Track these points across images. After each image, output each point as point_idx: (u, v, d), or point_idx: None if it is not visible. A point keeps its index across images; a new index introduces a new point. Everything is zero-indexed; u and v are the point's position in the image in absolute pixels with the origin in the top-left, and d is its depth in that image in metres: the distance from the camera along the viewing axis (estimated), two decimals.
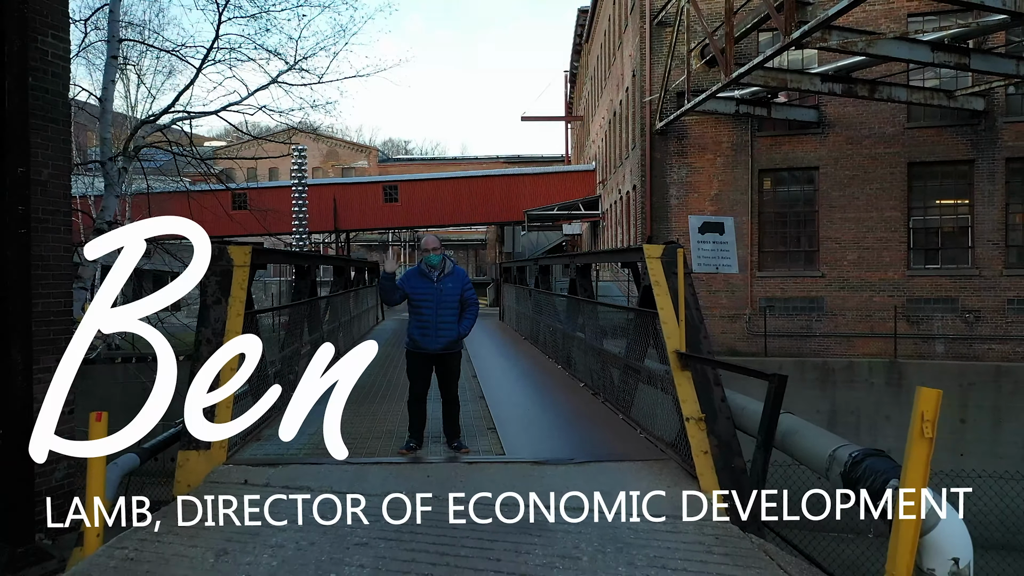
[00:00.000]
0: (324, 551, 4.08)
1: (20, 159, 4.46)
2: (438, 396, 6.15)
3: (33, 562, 4.46)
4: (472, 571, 3.86)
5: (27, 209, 4.50)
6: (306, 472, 5.39)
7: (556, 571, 3.86)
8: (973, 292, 17.24)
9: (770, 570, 3.92)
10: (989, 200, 17.23)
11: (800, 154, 18.28)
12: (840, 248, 18.00)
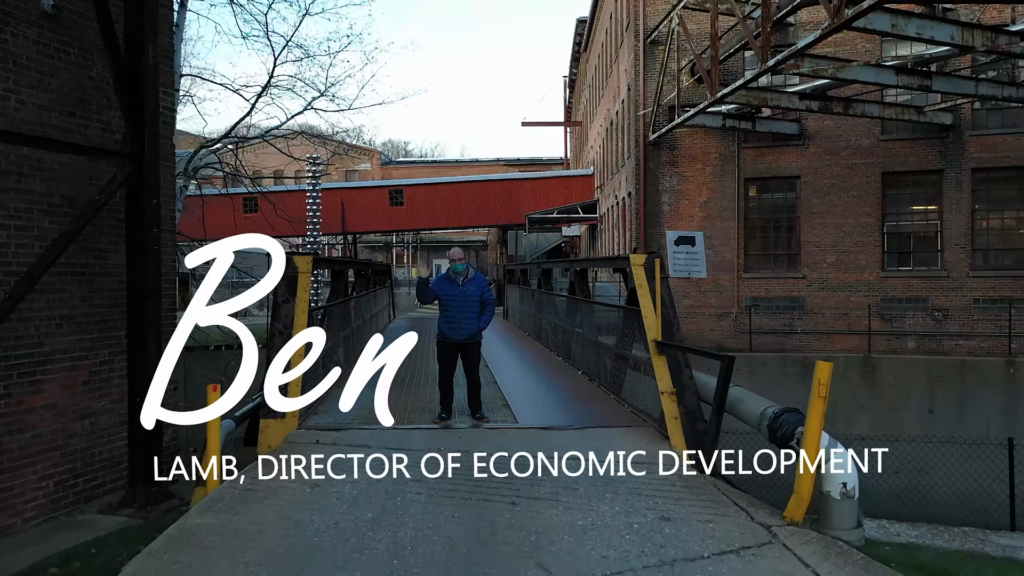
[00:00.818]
0: (388, 485, 5.53)
1: (153, 194, 5.89)
2: (461, 380, 7.60)
3: (162, 499, 5.88)
4: (500, 496, 5.31)
5: (158, 232, 5.91)
6: (363, 435, 6.84)
7: (560, 496, 5.32)
8: (942, 292, 18.71)
9: (715, 495, 5.39)
10: (957, 207, 18.70)
11: (783, 164, 19.73)
12: (820, 251, 19.45)
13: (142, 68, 5.78)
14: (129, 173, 5.68)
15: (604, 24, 29.71)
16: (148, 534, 5.05)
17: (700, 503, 5.37)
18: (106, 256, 6.02)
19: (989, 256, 18.81)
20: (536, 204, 35.32)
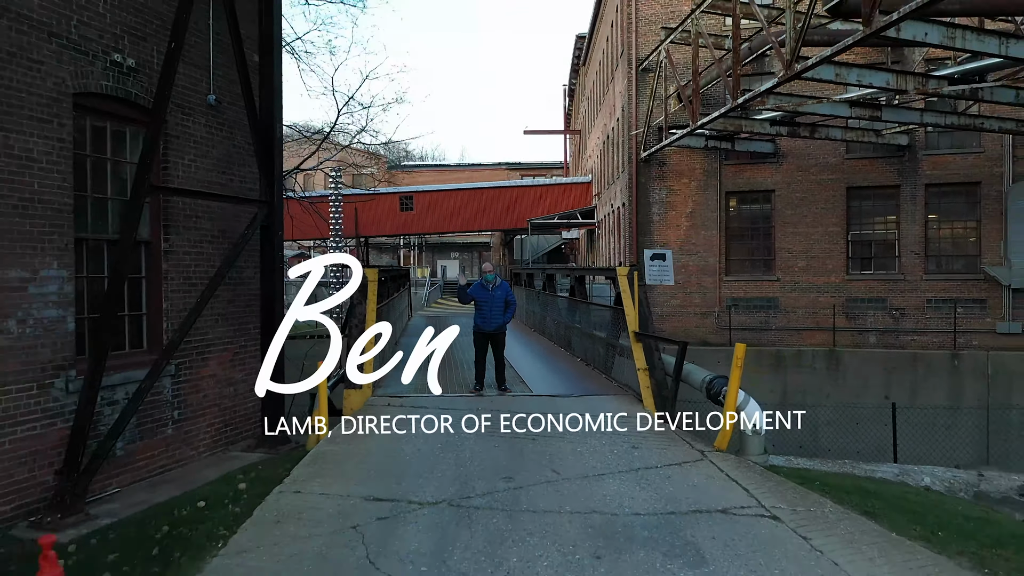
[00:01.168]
0: (447, 435, 8.04)
1: (279, 228, 8.43)
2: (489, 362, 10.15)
3: (283, 442, 8.41)
4: (523, 437, 7.86)
5: (281, 254, 8.40)
6: (421, 400, 9.38)
7: (566, 437, 7.87)
8: (899, 293, 21.24)
9: (671, 436, 7.95)
10: (912, 219, 21.24)
11: (759, 179, 22.27)
12: (792, 257, 21.99)
13: (272, 140, 8.28)
14: (265, 215, 8.19)
15: (601, 45, 32.24)
16: (286, 461, 7.56)
17: (659, 440, 7.92)
18: (242, 271, 8.53)
19: (940, 261, 21.32)
20: (538, 209, 37.86)
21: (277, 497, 6.15)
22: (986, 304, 20.56)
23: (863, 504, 6.32)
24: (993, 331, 20.35)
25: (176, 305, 7.65)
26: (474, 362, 10.12)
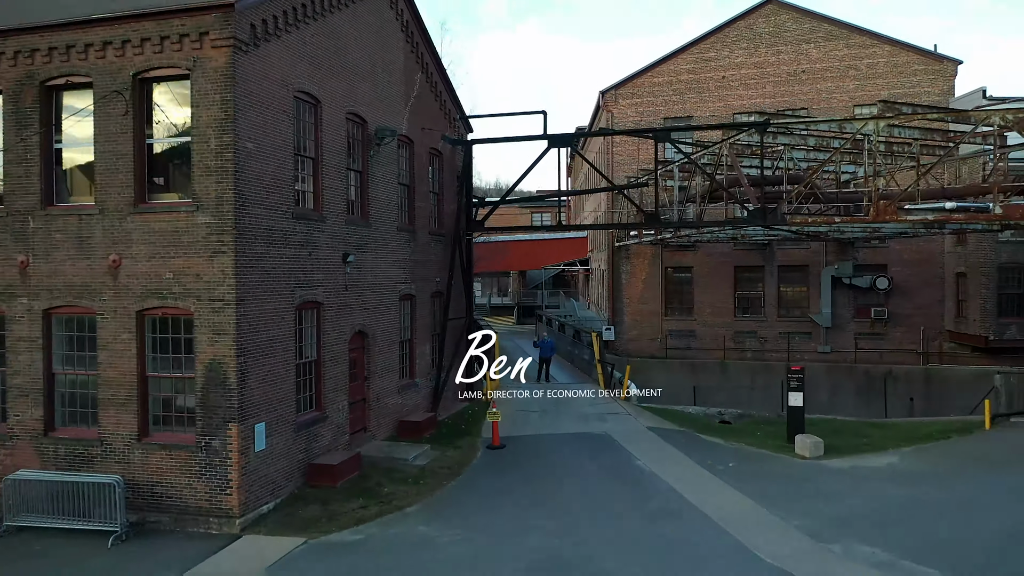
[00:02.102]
0: (532, 397, 23.92)
1: (470, 274, 24.17)
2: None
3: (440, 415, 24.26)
4: (555, 402, 23.86)
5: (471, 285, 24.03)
6: (519, 385, 25.32)
7: (572, 397, 23.85)
8: (763, 329, 37.00)
9: (608, 399, 24.00)
10: (771, 285, 37.01)
11: (684, 260, 38.02)
12: (703, 306, 37.70)
13: (471, 281, 23.91)
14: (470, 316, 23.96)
15: (593, 147, 47.99)
16: (460, 420, 23.23)
17: (602, 398, 23.94)
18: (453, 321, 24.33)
19: (786, 310, 37.03)
20: (547, 254, 53.57)
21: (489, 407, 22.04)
22: (811, 336, 36.39)
23: (661, 414, 22.20)
24: (815, 351, 36.13)
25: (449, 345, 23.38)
26: (537, 370, 25.95)
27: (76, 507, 13.66)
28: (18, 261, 14.54)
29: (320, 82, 16.19)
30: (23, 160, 14.49)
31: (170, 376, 13.99)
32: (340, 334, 17.06)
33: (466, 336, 22.96)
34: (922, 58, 35.08)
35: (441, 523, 13.83)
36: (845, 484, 15.94)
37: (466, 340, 22.54)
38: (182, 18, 13.33)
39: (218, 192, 13.32)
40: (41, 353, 14.49)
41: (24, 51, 14.29)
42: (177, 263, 13.59)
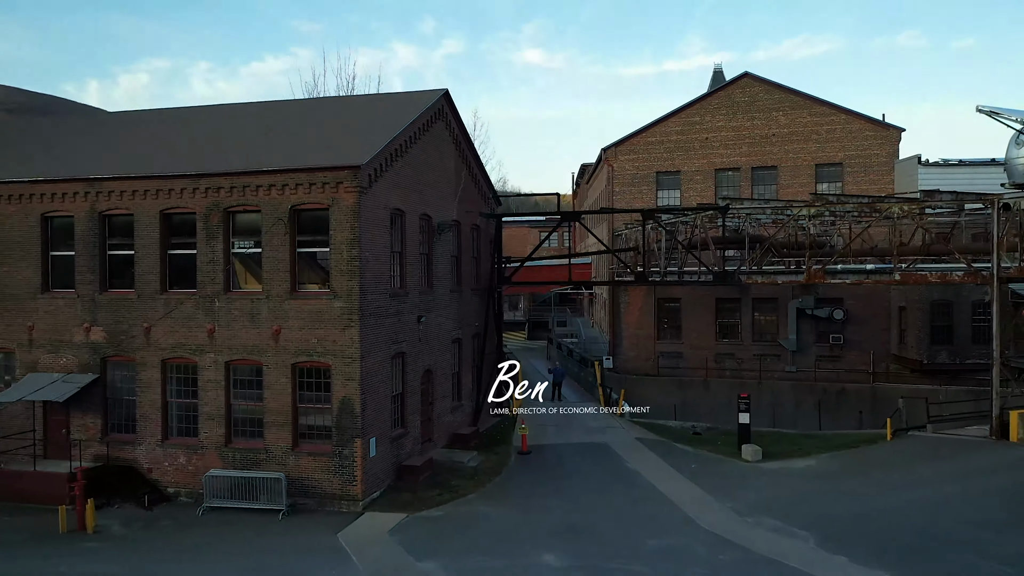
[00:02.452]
0: (547, 413, 31.04)
1: (500, 317, 31.23)
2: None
3: (480, 428, 31.40)
4: (565, 419, 31.01)
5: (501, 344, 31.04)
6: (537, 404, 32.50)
7: (578, 413, 31.01)
8: (740, 351, 43.98)
9: (607, 415, 31.17)
10: (747, 315, 43.99)
11: (674, 294, 45.05)
12: (689, 331, 44.69)
13: (501, 323, 30.89)
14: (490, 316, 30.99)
15: (596, 189, 55.03)
16: (495, 432, 30.28)
17: (603, 416, 31.11)
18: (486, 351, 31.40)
19: (760, 335, 43.97)
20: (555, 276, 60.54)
21: (517, 423, 29.15)
22: (780, 358, 43.42)
23: (647, 427, 29.31)
24: (783, 371, 43.15)
25: (485, 373, 30.45)
26: (552, 392, 33.02)
27: (250, 493, 20.83)
28: (207, 328, 21.70)
29: (404, 199, 23.35)
30: (211, 260, 21.67)
31: (313, 407, 21.15)
32: (416, 373, 24.21)
33: (497, 365, 30.03)
34: (872, 126, 42.14)
35: (492, 504, 20.98)
36: (771, 480, 23.04)
37: (497, 368, 29.59)
38: (325, 173, 20.49)
39: (348, 287, 20.46)
40: (223, 391, 21.66)
41: (213, 187, 21.47)
42: (320, 332, 20.75)
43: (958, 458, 24.60)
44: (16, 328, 23.32)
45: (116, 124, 29.75)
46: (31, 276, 23.19)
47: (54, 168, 23.58)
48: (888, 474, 23.35)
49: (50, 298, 23.12)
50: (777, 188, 43.04)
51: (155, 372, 22.11)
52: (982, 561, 15.78)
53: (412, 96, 26.44)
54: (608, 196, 46.49)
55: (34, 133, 28.79)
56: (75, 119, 32.61)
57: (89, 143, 26.55)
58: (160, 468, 22.06)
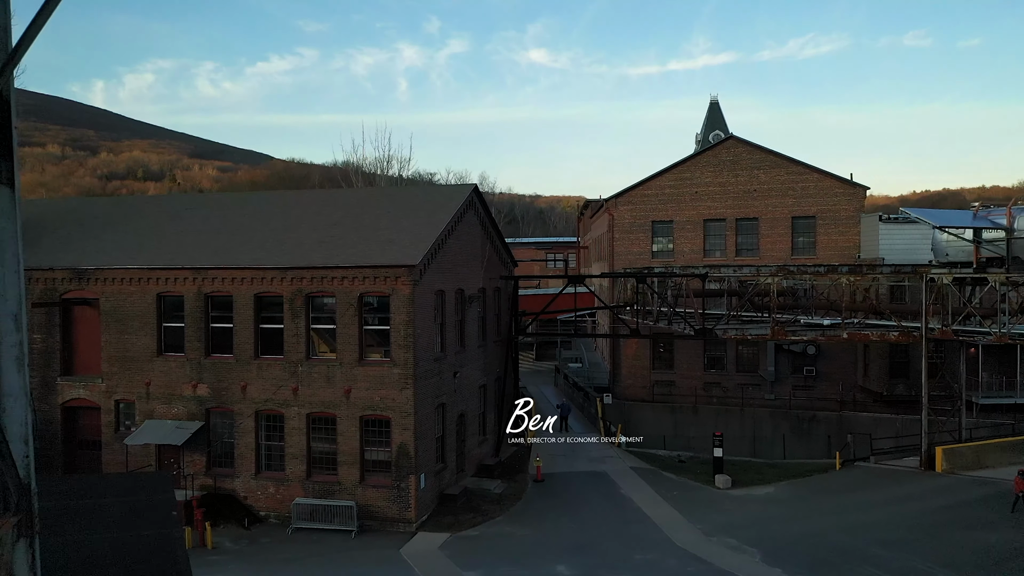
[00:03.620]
0: (556, 443, 37.28)
1: (517, 362, 37.44)
2: None
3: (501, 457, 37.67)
4: (573, 449, 37.29)
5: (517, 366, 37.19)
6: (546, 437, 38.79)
7: (583, 443, 37.29)
8: (725, 381, 50.22)
9: (604, 445, 37.46)
10: (731, 348, 50.23)
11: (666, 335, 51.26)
12: (681, 362, 50.88)
13: (517, 357, 37.09)
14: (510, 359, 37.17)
15: (598, 228, 61.23)
16: (514, 460, 36.51)
17: (603, 446, 37.41)
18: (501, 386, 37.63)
19: (742, 368, 50.14)
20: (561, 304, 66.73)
21: (532, 453, 35.40)
22: (760, 387, 49.62)
23: (640, 456, 35.58)
24: (763, 398, 49.33)
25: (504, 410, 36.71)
26: (559, 424, 39.22)
27: (327, 517, 27.12)
28: (292, 387, 27.99)
29: (444, 281, 29.63)
30: (295, 334, 27.95)
31: (376, 449, 27.44)
32: (452, 417, 30.50)
33: (514, 401, 36.26)
34: (841, 184, 48.36)
35: (516, 526, 27.27)
36: (735, 505, 29.29)
37: (514, 404, 35.82)
38: (386, 270, 26.78)
39: (404, 357, 26.73)
40: (304, 436, 27.95)
41: (297, 277, 27.75)
42: (382, 392, 27.02)
43: (889, 487, 30.87)
44: (136, 383, 29.63)
45: (207, 207, 36.10)
46: (148, 342, 29.50)
47: (164, 255, 29.90)
48: (829, 500, 29.60)
49: (164, 360, 29.44)
50: (758, 237, 49.32)
51: (250, 420, 28.41)
52: (876, 571, 22.05)
53: (448, 191, 32.85)
54: (609, 241, 52.76)
55: (137, 217, 35.11)
56: (174, 200, 38.74)
57: (190, 229, 32.81)
58: (254, 496, 28.35)
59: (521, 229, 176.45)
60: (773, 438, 45.93)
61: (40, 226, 34.16)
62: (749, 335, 36.83)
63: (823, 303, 38.40)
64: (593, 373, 56.75)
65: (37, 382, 30.54)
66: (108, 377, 29.98)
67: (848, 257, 47.38)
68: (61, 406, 30.56)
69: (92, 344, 30.37)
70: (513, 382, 38.36)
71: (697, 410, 49.47)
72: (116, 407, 30.01)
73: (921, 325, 32.41)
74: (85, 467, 30.10)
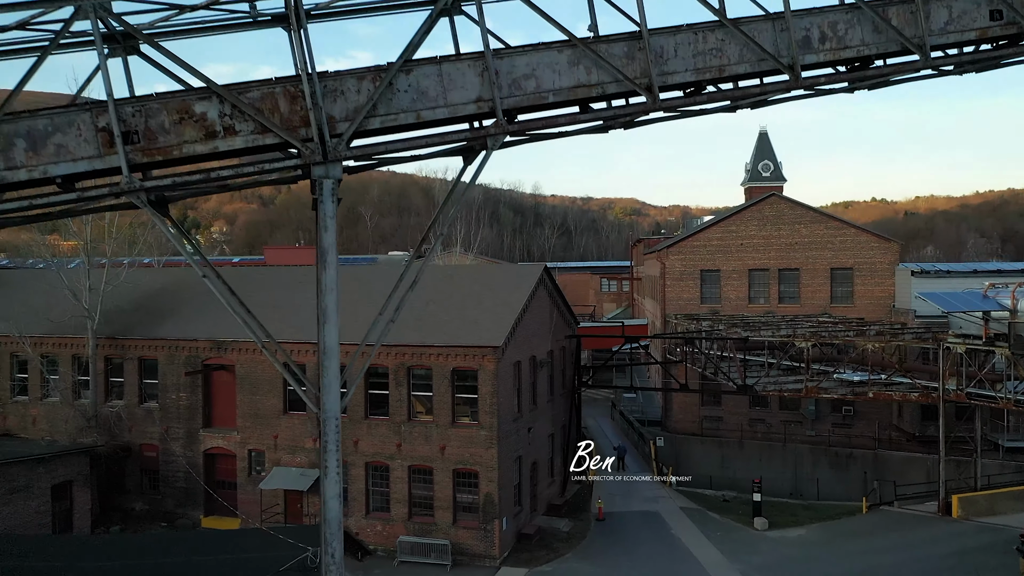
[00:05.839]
0: (611, 489, 42.60)
1: (579, 410, 42.85)
2: None
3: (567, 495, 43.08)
4: (630, 480, 42.63)
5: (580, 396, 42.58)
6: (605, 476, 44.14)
7: (638, 480, 42.58)
8: (770, 416, 54.88)
9: (664, 491, 42.66)
10: None
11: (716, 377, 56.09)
12: (728, 398, 55.63)
13: (580, 396, 42.47)
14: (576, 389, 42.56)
15: (649, 270, 66.24)
16: (577, 499, 41.89)
17: (656, 486, 42.65)
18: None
19: (784, 404, 54.70)
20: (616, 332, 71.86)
21: (594, 493, 40.83)
22: (802, 424, 54.08)
23: (688, 495, 40.73)
24: (804, 434, 53.80)
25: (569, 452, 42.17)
26: (617, 464, 44.46)
27: (426, 552, 32.96)
28: (396, 443, 33.90)
29: (520, 352, 35.25)
30: (398, 399, 33.89)
31: (466, 496, 33.21)
32: (527, 466, 36.14)
33: (576, 443, 41.68)
34: (876, 239, 52.68)
35: (583, 562, 32.79)
36: (771, 547, 34.29)
37: (576, 446, 41.22)
38: (474, 349, 32.50)
39: (490, 422, 32.42)
40: (406, 484, 33.88)
41: (400, 353, 33.66)
42: (471, 450, 32.75)
43: (908, 531, 35.49)
44: (266, 436, 35.94)
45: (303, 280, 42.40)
46: (276, 402, 35.78)
47: (288, 329, 36.08)
48: (854, 543, 34.39)
49: (289, 417, 35.68)
50: (799, 286, 53.91)
51: (360, 470, 34.43)
52: None
53: (523, 271, 38.52)
54: (661, 287, 57.85)
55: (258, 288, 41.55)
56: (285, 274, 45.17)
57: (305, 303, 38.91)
58: (364, 532, 34.35)
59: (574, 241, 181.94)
60: (812, 472, 50.49)
61: (177, 296, 40.79)
62: (785, 392, 41.60)
63: (856, 357, 42.92)
64: (647, 406, 61.87)
65: (183, 432, 37.16)
66: (242, 430, 36.39)
67: (884, 307, 51.73)
68: (203, 453, 37.10)
69: (229, 402, 36.82)
70: (576, 427, 43.78)
71: (743, 445, 54.16)
72: (249, 455, 36.40)
73: (939, 387, 36.90)
74: (223, 504, 36.49)
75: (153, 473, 38.12)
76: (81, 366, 39.47)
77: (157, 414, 37.92)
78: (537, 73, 11.06)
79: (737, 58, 11.85)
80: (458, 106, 10.91)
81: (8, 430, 40.69)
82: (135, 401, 38.44)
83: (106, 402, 38.76)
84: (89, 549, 24.16)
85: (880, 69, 12.56)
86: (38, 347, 39.52)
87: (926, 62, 12.49)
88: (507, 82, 11.01)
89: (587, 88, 11.30)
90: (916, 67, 12.63)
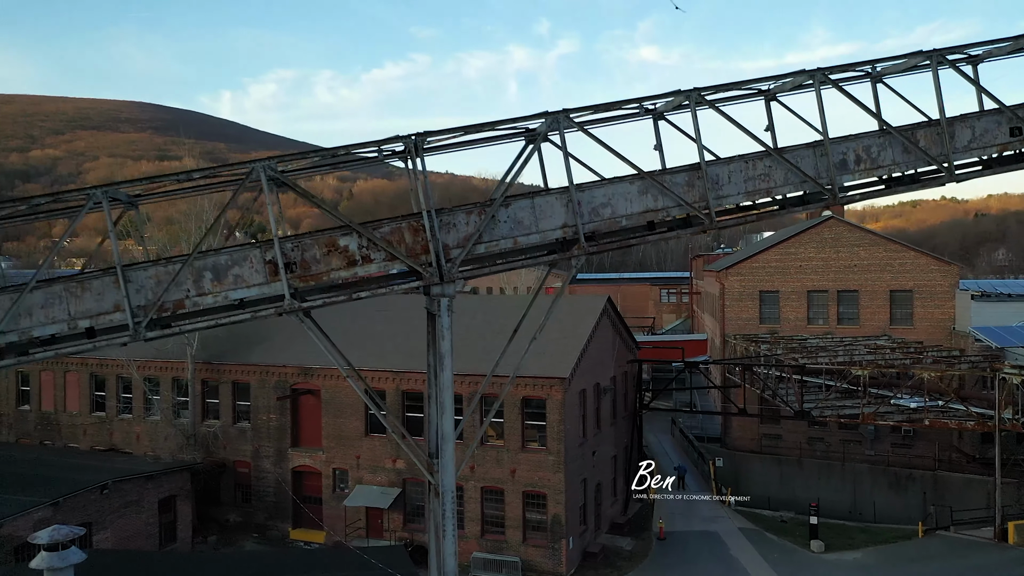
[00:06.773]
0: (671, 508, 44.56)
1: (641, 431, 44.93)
2: None
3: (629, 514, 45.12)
4: (686, 500, 44.57)
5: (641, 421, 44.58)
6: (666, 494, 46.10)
7: (696, 499, 44.47)
8: (829, 436, 55.97)
9: (722, 510, 44.45)
10: None
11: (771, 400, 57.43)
12: (786, 422, 56.90)
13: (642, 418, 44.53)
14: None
15: (708, 287, 67.66)
16: (639, 518, 43.91)
17: (715, 505, 44.45)
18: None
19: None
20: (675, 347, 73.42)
21: (655, 512, 42.88)
22: (861, 443, 54.98)
23: (746, 515, 42.44)
24: (864, 454, 54.73)
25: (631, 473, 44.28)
26: (677, 482, 46.34)
27: (498, 568, 35.48)
28: (470, 466, 36.54)
29: (585, 380, 37.54)
30: (471, 424, 36.51)
31: (535, 517, 35.67)
32: (592, 487, 38.42)
33: (638, 463, 43.74)
34: (936, 261, 53.35)
35: None
36: (827, 570, 35.89)
37: (638, 465, 43.29)
38: (543, 379, 34.91)
39: (557, 447, 34.79)
40: (479, 504, 36.50)
41: (474, 381, 36.27)
42: (540, 473, 35.16)
43: (964, 557, 36.66)
44: (349, 457, 39.00)
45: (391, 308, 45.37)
46: (358, 425, 38.81)
47: (370, 357, 39.05)
48: (909, 568, 35.75)
49: (370, 439, 38.67)
50: (859, 308, 54.88)
51: None
52: None
53: (587, 302, 40.75)
54: (720, 307, 59.38)
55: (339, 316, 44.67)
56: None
57: (386, 332, 41.97)
58: None
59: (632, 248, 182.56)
60: (871, 492, 51.49)
61: (267, 324, 44.18)
62: (842, 418, 42.94)
63: (914, 384, 43.98)
64: (706, 423, 63.44)
65: (273, 451, 40.52)
66: (327, 450, 39.54)
67: (943, 329, 52.40)
68: (291, 470, 40.39)
69: (315, 423, 40.02)
70: (638, 447, 45.86)
71: (801, 463, 55.29)
72: (333, 473, 39.54)
73: (995, 415, 37.90)
74: (310, 517, 39.68)
75: (246, 488, 41.60)
76: (180, 388, 43.25)
77: (249, 433, 41.40)
78: (612, 202, 13.41)
79: (782, 181, 14.00)
80: (547, 232, 13.36)
81: (114, 445, 44.75)
82: (229, 421, 41.98)
83: (203, 421, 42.42)
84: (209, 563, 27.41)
85: (909, 186, 14.56)
86: (143, 370, 43.42)
87: (950, 177, 14.44)
88: (588, 210, 13.39)
89: (654, 212, 13.61)
90: (942, 181, 14.58)
